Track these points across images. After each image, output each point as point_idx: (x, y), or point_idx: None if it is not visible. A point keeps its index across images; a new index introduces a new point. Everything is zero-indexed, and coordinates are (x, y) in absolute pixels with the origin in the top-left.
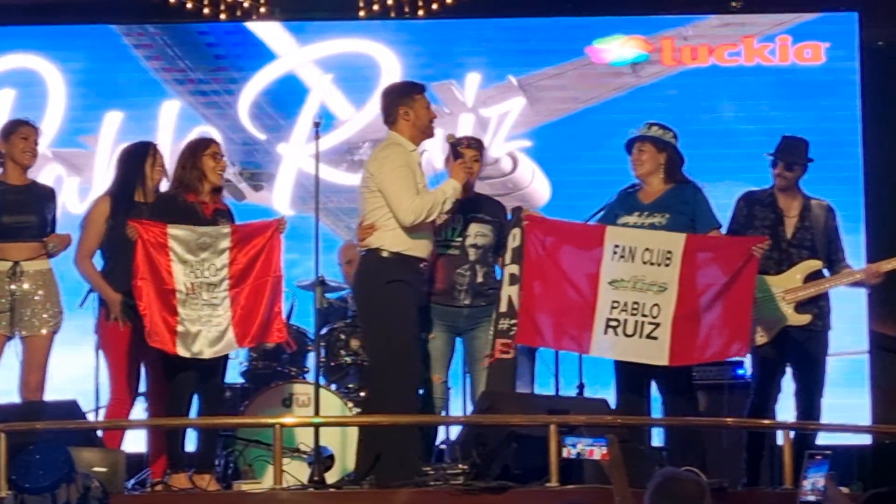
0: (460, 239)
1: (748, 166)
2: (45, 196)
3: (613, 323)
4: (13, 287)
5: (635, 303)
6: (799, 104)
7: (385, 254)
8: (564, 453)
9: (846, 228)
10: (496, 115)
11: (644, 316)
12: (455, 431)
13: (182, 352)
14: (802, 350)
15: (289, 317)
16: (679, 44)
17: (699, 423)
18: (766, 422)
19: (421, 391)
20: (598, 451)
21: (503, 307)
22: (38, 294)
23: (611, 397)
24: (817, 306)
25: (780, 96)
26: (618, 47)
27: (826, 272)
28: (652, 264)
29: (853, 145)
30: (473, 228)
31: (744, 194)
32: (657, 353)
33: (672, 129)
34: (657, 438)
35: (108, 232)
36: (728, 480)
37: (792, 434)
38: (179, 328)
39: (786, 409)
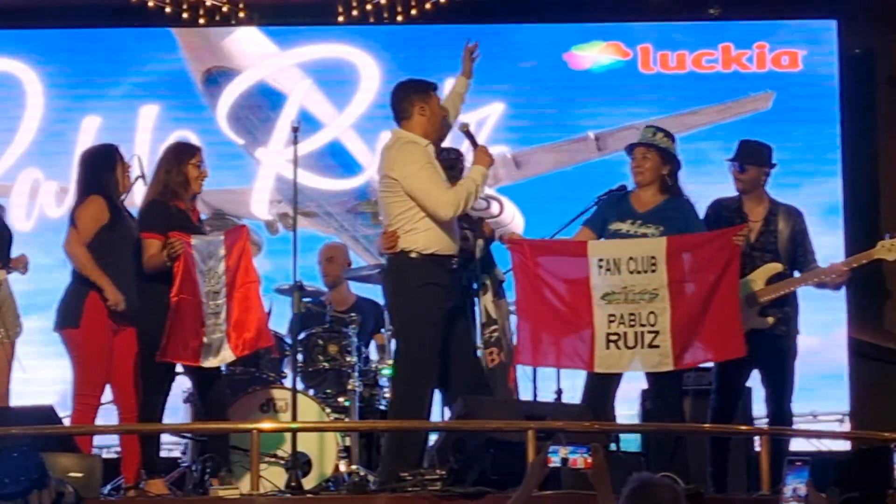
0: None
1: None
2: (2, 213)
3: (614, 337)
4: None
5: (631, 314)
6: (777, 111)
7: (415, 256)
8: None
9: (826, 234)
10: (474, 120)
11: (642, 326)
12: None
13: (204, 363)
14: (768, 355)
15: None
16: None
17: (677, 428)
18: (744, 427)
19: None
20: (580, 460)
21: (483, 317)
22: (3, 306)
23: None
24: (782, 311)
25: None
26: (596, 53)
27: (796, 275)
28: (638, 272)
29: (833, 151)
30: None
31: (713, 202)
32: (661, 361)
33: (672, 134)
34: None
35: (100, 235)
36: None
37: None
38: (205, 339)
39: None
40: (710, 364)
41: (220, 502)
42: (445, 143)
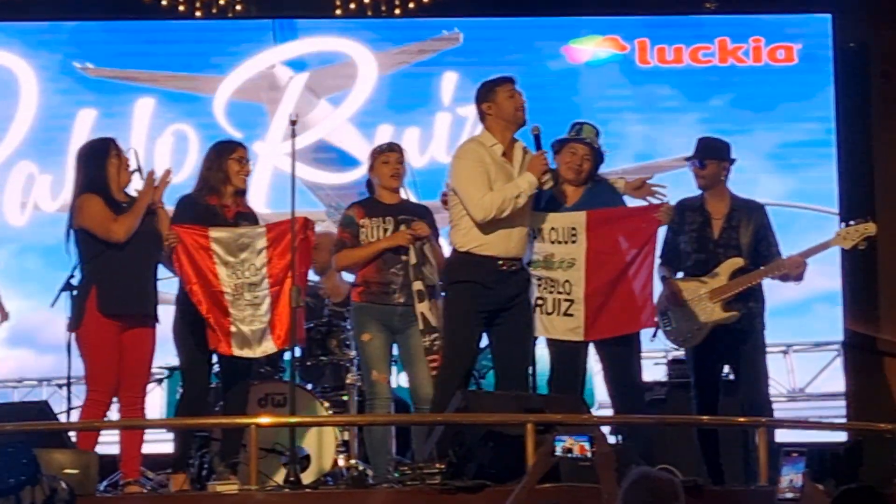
0: None
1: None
2: None
3: (539, 301)
4: None
5: (550, 280)
6: (772, 106)
7: (456, 252)
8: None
9: (821, 225)
10: (472, 114)
11: (559, 293)
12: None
13: (237, 352)
14: (736, 350)
15: None
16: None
17: (675, 420)
18: (742, 419)
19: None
20: (584, 449)
21: (420, 325)
22: None
23: (588, 397)
24: (746, 306)
25: (754, 96)
26: (593, 47)
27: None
28: (560, 242)
29: (828, 144)
30: (404, 229)
31: (677, 202)
32: (573, 330)
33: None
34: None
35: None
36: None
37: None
38: (232, 328)
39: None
40: (684, 356)
41: (217, 498)
42: None
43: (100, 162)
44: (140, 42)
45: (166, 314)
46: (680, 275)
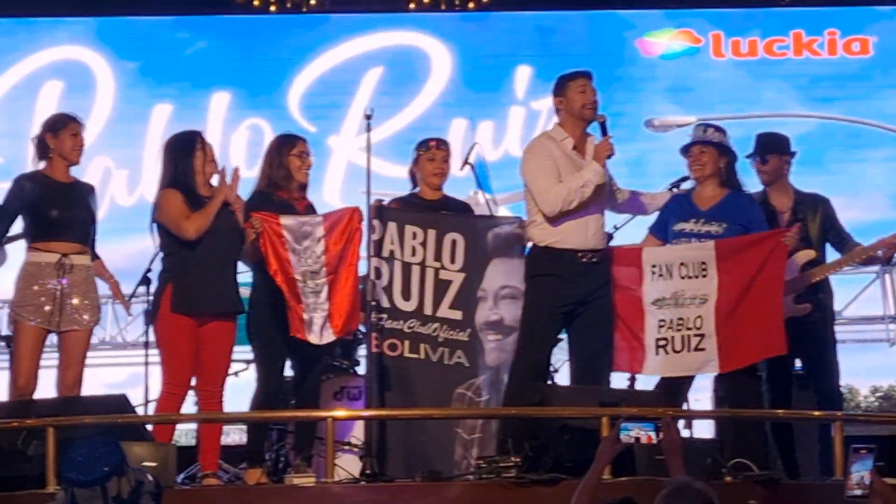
0: None
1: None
2: (90, 194)
3: (662, 342)
4: (61, 281)
5: (679, 318)
6: (848, 97)
7: (535, 247)
8: (623, 439)
9: None
10: (546, 108)
11: (689, 329)
12: None
13: (311, 339)
14: (807, 343)
15: None
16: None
17: (751, 414)
18: (817, 413)
19: None
20: (652, 437)
21: None
22: (79, 289)
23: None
24: (816, 298)
25: (832, 88)
26: (667, 40)
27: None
28: (690, 278)
29: None
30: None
31: None
32: (707, 364)
33: (723, 128)
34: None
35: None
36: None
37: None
38: (305, 315)
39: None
40: None
41: (294, 490)
42: None
43: (187, 155)
44: (214, 37)
45: None
46: None
